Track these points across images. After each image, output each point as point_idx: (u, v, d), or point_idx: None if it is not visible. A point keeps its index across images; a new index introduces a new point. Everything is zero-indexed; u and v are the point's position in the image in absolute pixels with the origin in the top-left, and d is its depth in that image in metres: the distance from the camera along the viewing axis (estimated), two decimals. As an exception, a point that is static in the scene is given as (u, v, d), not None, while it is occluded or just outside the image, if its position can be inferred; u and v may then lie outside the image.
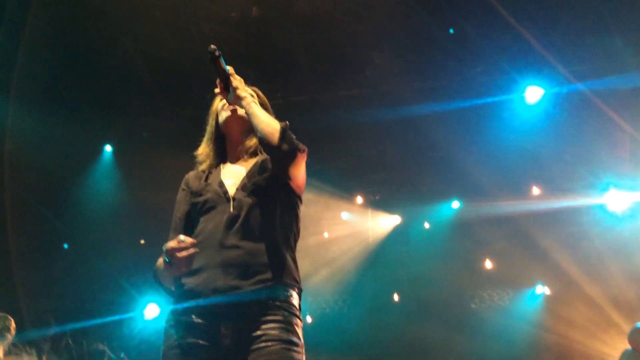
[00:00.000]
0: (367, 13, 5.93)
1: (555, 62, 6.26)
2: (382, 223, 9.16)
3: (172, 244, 2.10)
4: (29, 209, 7.21)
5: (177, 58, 6.26)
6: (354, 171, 8.12)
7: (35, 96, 6.48)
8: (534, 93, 6.68)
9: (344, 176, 8.05)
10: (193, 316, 2.17)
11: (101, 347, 6.68)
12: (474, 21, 6.04)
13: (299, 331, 2.20)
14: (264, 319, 2.14)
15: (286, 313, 2.18)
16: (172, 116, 7.18)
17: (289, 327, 2.16)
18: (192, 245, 2.11)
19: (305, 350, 2.23)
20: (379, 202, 8.91)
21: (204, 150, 2.55)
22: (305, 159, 2.36)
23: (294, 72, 6.63)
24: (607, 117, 6.63)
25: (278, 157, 2.28)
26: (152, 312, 8.01)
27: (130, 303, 7.98)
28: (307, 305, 9.10)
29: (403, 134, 7.23)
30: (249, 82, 2.47)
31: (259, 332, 2.13)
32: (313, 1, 5.81)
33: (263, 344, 2.10)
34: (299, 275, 2.32)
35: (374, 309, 9.49)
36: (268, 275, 2.19)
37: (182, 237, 2.13)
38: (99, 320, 7.39)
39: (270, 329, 2.13)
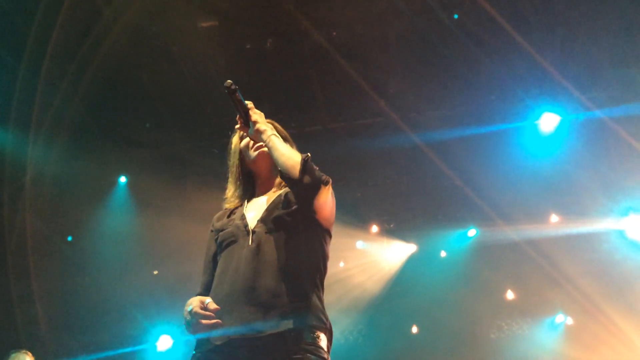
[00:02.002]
0: (381, 43, 5.96)
1: (571, 89, 6.22)
2: (397, 252, 9.05)
3: (196, 307, 2.07)
4: (46, 241, 7.24)
5: (193, 90, 6.31)
6: (369, 200, 8.06)
7: (53, 130, 6.55)
8: (550, 120, 6.62)
9: (359, 205, 8.00)
10: (216, 358, 2.10)
11: None
12: (489, 48, 6.04)
13: None
14: None
15: (313, 357, 2.07)
16: (186, 147, 7.21)
17: None
18: (215, 311, 2.06)
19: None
20: (395, 231, 8.82)
21: (233, 192, 2.50)
22: (330, 190, 2.27)
23: (308, 102, 6.65)
24: (625, 143, 6.55)
25: (300, 190, 2.21)
26: (164, 343, 7.93)
27: (143, 335, 7.92)
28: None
29: (418, 162, 7.19)
30: (263, 113, 2.44)
31: None
32: (328, 32, 5.84)
33: None
34: (326, 316, 2.20)
35: (390, 339, 9.32)
36: (291, 316, 2.08)
37: (207, 300, 2.10)
38: (112, 352, 7.32)
39: None
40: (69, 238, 7.53)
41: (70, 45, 5.90)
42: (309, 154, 2.24)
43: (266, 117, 2.45)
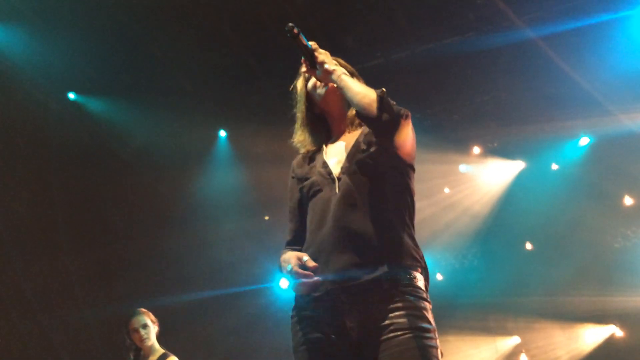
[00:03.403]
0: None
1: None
2: (504, 171, 8.74)
3: (295, 267, 2.09)
4: (171, 199, 7.75)
5: (275, 33, 6.28)
6: (468, 121, 7.76)
7: (145, 95, 6.87)
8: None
9: (458, 128, 7.74)
10: (317, 311, 2.13)
11: None
12: None
13: (429, 315, 2.09)
14: (389, 307, 2.05)
15: (412, 297, 2.07)
16: (276, 93, 7.29)
17: (418, 313, 2.05)
18: (314, 268, 2.09)
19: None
20: (498, 150, 8.50)
21: (300, 137, 2.46)
22: (410, 124, 2.21)
23: (392, 28, 6.40)
24: None
25: (380, 128, 2.16)
26: (285, 283, 8.34)
27: (267, 274, 8.36)
28: (436, 263, 8.98)
29: (516, 74, 6.75)
30: (346, 47, 2.37)
31: (387, 322, 2.04)
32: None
33: (392, 334, 2.02)
34: (420, 254, 2.18)
35: (506, 259, 9.18)
36: (386, 260, 2.08)
37: (305, 258, 2.12)
38: (239, 289, 7.84)
39: (397, 317, 2.03)
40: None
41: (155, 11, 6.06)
42: (384, 89, 2.17)
43: (353, 51, 2.38)
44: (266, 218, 8.48)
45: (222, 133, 8.01)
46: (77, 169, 6.79)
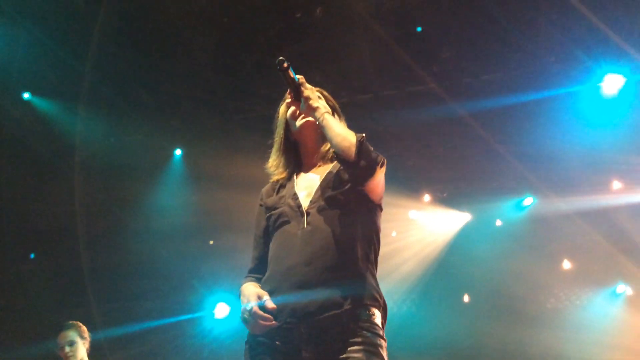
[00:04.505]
0: (432, 7, 5.78)
1: (635, 48, 5.88)
2: (451, 221, 8.93)
3: (255, 307, 2.11)
4: (107, 213, 7.51)
5: (244, 60, 6.33)
6: (421, 169, 7.95)
7: (105, 103, 6.75)
8: (613, 82, 6.30)
9: (411, 174, 7.91)
10: (275, 339, 2.13)
11: None
12: (547, 10, 5.77)
13: (384, 352, 2.12)
14: (348, 341, 2.08)
15: (369, 334, 2.10)
16: (238, 118, 7.29)
17: (374, 349, 2.08)
18: (273, 311, 2.11)
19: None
20: (447, 200, 8.70)
21: (274, 161, 2.49)
22: (384, 170, 2.27)
23: (359, 70, 6.56)
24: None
25: (357, 173, 2.20)
26: (222, 311, 8.17)
27: (201, 302, 8.17)
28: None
29: (472, 129, 7.01)
30: (312, 83, 2.42)
31: (343, 356, 2.07)
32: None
33: None
34: (380, 293, 2.23)
35: (444, 309, 9.30)
36: (349, 298, 2.11)
37: (265, 298, 2.14)
38: (171, 319, 7.61)
39: (354, 351, 2.06)
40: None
41: (118, 13, 6.00)
42: (364, 134, 2.22)
43: (316, 86, 2.43)
44: (211, 242, 8.35)
45: (178, 151, 7.90)
46: (22, 168, 6.54)
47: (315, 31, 6.02)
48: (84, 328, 4.45)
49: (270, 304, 2.12)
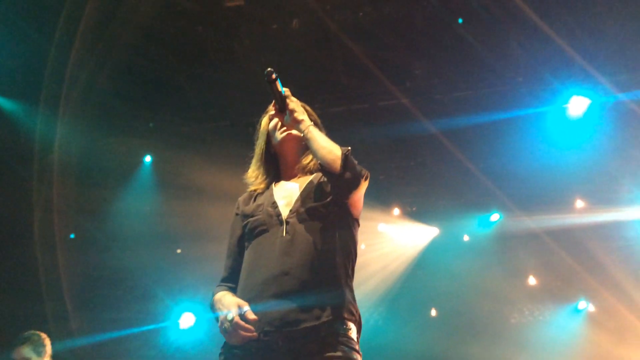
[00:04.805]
0: (407, 23, 5.87)
1: (602, 71, 6.06)
2: (419, 235, 9.02)
3: (237, 317, 2.08)
4: (71, 219, 7.34)
5: (219, 71, 6.31)
6: (392, 182, 8.02)
7: (80, 108, 6.62)
8: (579, 104, 6.47)
9: (381, 187, 7.96)
10: (251, 350, 2.11)
11: None
12: (516, 32, 5.91)
13: None
14: (325, 355, 2.06)
15: (346, 348, 2.09)
16: (209, 127, 7.24)
17: None
18: (254, 322, 2.09)
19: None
20: (416, 214, 8.79)
21: (254, 172, 2.48)
22: (367, 184, 2.28)
23: (332, 83, 6.61)
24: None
25: (341, 186, 2.20)
26: (187, 321, 8.05)
27: (166, 312, 8.04)
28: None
29: (442, 145, 7.12)
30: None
31: None
32: (354, 12, 5.78)
33: None
34: (356, 308, 2.22)
35: (410, 322, 9.35)
36: (327, 311, 2.10)
37: (245, 308, 2.11)
38: (135, 330, 7.46)
39: None
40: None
41: (99, 23, 5.92)
42: (349, 147, 2.23)
43: (300, 102, 2.42)
44: (178, 251, 8.24)
45: (148, 158, 7.79)
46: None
47: (290, 42, 6.04)
48: (43, 338, 4.20)
49: (251, 314, 2.10)
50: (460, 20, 5.79)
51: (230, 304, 2.14)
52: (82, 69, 6.31)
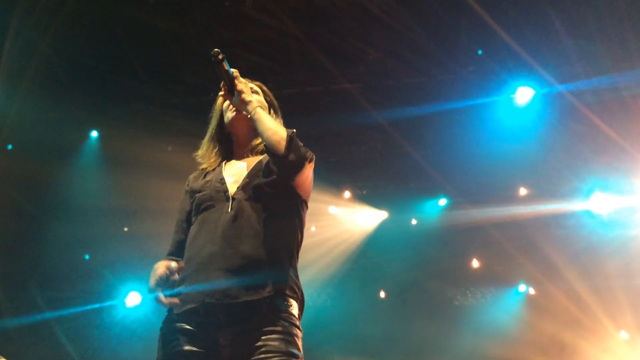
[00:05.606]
0: (359, 11, 5.89)
1: (544, 63, 6.27)
2: (369, 218, 9.16)
3: (161, 271, 2.15)
4: (8, 197, 7.08)
5: (169, 45, 6.18)
6: (343, 165, 8.09)
7: (22, 78, 6.35)
8: (524, 94, 6.68)
9: (333, 170, 8.03)
10: (191, 324, 2.13)
11: None
12: (465, 22, 6.03)
13: (299, 342, 2.16)
14: (264, 329, 2.10)
15: (286, 324, 2.13)
16: (160, 103, 7.10)
17: (290, 338, 2.12)
18: (180, 269, 2.16)
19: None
20: (366, 197, 8.91)
21: (205, 151, 2.50)
22: (312, 166, 2.32)
23: (286, 63, 6.57)
24: (592, 122, 6.67)
25: (285, 167, 2.22)
26: (133, 299, 7.96)
27: (111, 291, 7.92)
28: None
29: (393, 131, 7.22)
30: (241, 74, 2.42)
31: (259, 343, 2.08)
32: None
33: (263, 356, 2.07)
34: (299, 286, 2.26)
35: (357, 303, 9.52)
36: (268, 286, 2.13)
37: (172, 264, 2.17)
38: (80, 309, 7.33)
39: (270, 339, 2.08)
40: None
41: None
42: (294, 130, 2.26)
43: (244, 76, 2.43)
44: (125, 229, 8.10)
45: (94, 133, 7.58)
46: None
47: (243, 21, 5.96)
48: None
49: (176, 265, 2.18)
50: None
51: (159, 266, 2.21)
52: (23, 39, 6.04)
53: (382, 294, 9.75)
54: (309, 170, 2.30)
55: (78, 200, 7.41)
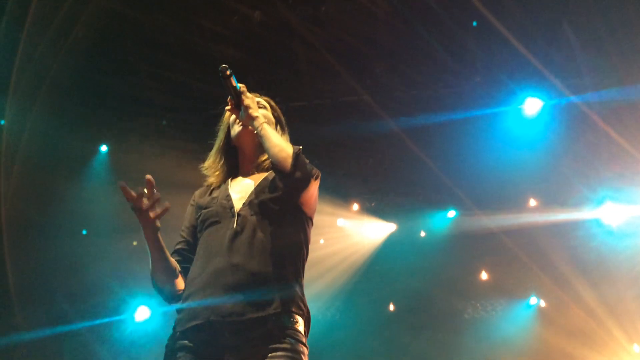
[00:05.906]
0: (370, 21, 5.92)
1: (554, 74, 6.26)
2: (377, 230, 9.13)
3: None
4: (20, 211, 7.11)
5: (178, 57, 6.22)
6: (352, 178, 8.08)
7: (33, 94, 6.41)
8: (533, 105, 6.67)
9: (341, 183, 8.02)
10: (197, 341, 2.12)
11: None
12: (474, 33, 6.04)
13: (305, 359, 2.15)
14: (270, 346, 2.09)
15: (292, 340, 2.12)
16: (169, 117, 7.15)
17: (296, 356, 2.11)
18: (150, 184, 2.19)
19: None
20: (375, 210, 8.88)
21: (211, 164, 2.51)
22: (318, 183, 2.32)
23: (294, 77, 6.61)
24: (602, 131, 6.64)
25: (291, 184, 2.23)
26: (142, 314, 7.94)
27: (120, 305, 7.90)
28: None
29: (401, 143, 7.22)
30: (249, 88, 2.43)
31: None
32: (316, 7, 5.79)
33: None
34: (305, 303, 2.25)
35: (366, 316, 9.45)
36: (274, 303, 2.12)
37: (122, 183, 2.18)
38: (89, 323, 7.31)
39: (276, 357, 2.07)
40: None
41: (54, 4, 5.75)
42: (300, 147, 2.26)
43: (251, 91, 2.44)
44: (134, 244, 8.10)
45: (104, 147, 7.62)
46: None
47: (251, 36, 6.01)
48: None
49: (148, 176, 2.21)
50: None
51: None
52: (35, 55, 6.11)
53: (392, 307, 9.68)
54: (314, 188, 2.31)
55: (87, 215, 7.42)
